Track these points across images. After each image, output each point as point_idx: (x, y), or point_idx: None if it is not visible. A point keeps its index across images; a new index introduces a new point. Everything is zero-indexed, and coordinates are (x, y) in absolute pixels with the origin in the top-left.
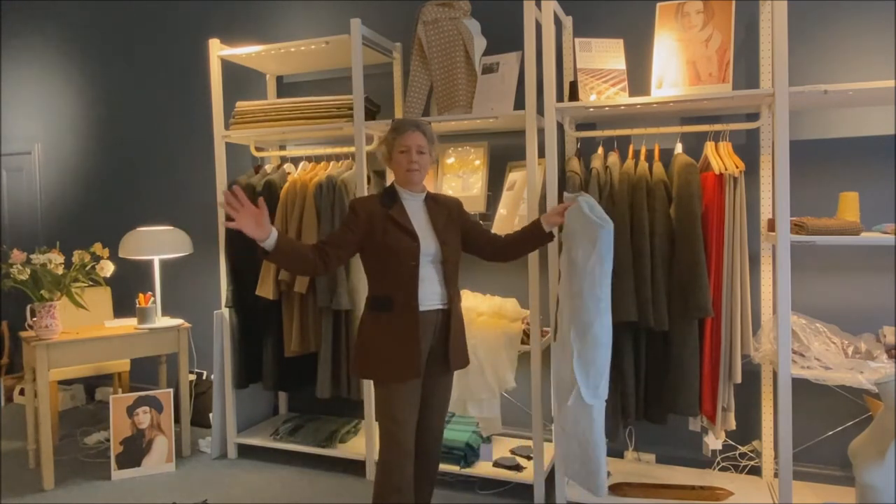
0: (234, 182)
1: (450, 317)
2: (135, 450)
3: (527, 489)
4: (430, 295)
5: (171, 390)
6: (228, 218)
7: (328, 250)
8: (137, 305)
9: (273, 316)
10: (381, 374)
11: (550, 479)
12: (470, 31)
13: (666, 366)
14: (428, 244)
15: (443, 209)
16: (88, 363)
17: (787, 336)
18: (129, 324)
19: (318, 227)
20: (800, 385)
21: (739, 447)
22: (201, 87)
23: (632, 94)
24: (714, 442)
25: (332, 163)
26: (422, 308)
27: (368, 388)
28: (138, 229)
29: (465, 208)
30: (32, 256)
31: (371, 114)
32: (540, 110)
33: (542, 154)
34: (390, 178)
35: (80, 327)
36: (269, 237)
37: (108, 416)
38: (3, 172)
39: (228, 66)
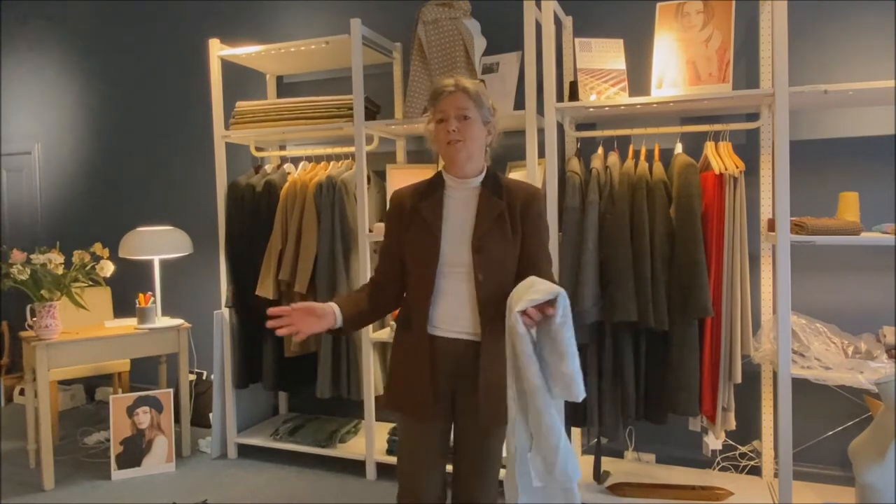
0: (234, 182)
1: (482, 352)
2: (135, 450)
3: None
4: (451, 318)
5: (171, 390)
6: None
7: (380, 279)
8: (137, 305)
9: None
10: (393, 403)
11: None
12: (470, 31)
13: (666, 366)
14: (454, 249)
15: (501, 202)
16: (88, 363)
17: (787, 336)
18: (129, 324)
19: (318, 226)
20: (800, 385)
21: (739, 447)
22: (201, 87)
23: (632, 94)
24: (714, 442)
25: (332, 163)
26: (437, 333)
27: (368, 388)
28: (138, 229)
29: (538, 206)
30: (32, 256)
31: (371, 114)
32: (540, 110)
33: (542, 154)
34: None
35: (80, 327)
36: (336, 318)
37: (108, 416)
38: (3, 172)
39: (228, 66)
